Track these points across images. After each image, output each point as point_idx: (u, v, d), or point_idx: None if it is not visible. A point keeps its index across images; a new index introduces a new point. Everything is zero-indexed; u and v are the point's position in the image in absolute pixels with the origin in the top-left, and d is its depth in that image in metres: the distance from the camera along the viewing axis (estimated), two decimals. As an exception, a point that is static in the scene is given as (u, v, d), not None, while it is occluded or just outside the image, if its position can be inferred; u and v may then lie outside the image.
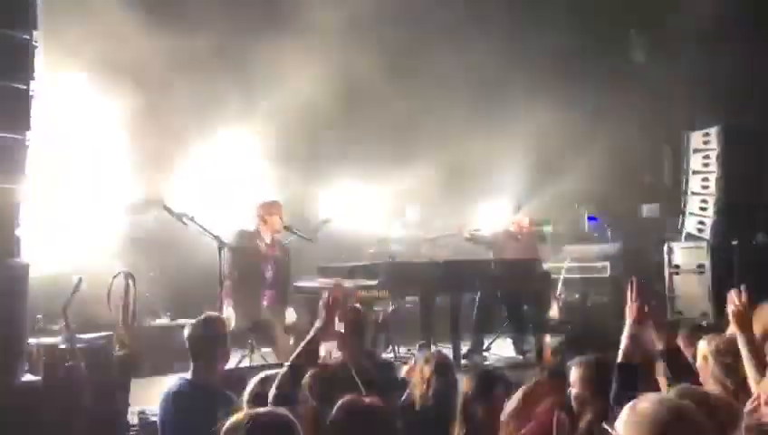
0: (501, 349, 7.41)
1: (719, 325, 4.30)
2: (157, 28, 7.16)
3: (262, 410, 2.35)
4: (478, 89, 9.75)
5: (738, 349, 3.04)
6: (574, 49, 9.40)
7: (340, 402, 2.66)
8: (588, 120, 9.18)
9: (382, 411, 2.64)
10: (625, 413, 1.88)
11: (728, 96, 8.91)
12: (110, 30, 7.01)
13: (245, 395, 3.08)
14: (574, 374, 3.07)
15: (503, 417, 2.77)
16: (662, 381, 3.19)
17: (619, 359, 2.90)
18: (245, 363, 5.78)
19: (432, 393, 3.51)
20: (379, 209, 9.53)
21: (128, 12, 7.05)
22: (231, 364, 4.66)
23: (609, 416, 2.23)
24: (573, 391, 3.02)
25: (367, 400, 2.68)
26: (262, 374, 3.17)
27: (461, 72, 9.63)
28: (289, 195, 7.81)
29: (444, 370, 3.65)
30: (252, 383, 3.12)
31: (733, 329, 3.16)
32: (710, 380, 3.13)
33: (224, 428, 2.21)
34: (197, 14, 7.86)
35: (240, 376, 3.58)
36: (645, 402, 1.88)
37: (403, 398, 3.69)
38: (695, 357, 3.31)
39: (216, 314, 3.83)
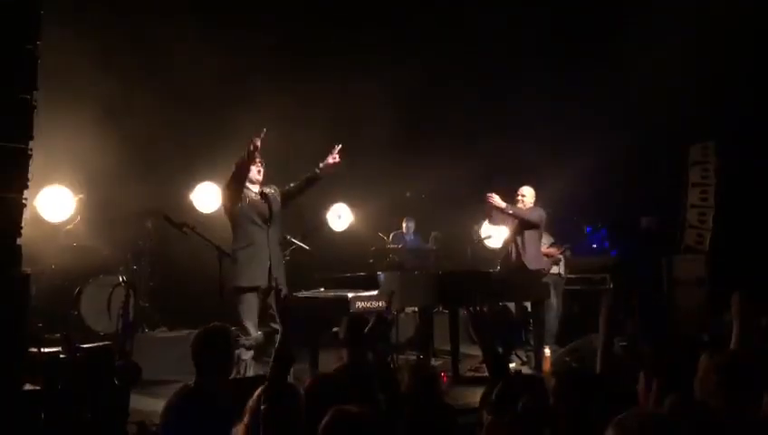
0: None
1: (718, 338, 4.30)
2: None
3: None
4: (479, 101, 9.79)
5: (737, 364, 3.04)
6: (572, 63, 9.43)
7: (329, 412, 2.60)
8: (587, 133, 9.20)
9: (368, 421, 2.59)
10: (611, 431, 1.80)
11: (726, 108, 8.93)
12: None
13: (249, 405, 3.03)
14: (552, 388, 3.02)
15: None
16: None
17: (598, 371, 2.84)
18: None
19: (412, 402, 3.50)
20: (379, 221, 9.56)
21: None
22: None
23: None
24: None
25: (354, 409, 2.61)
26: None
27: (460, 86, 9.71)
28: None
29: (422, 378, 3.63)
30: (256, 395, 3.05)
31: (732, 343, 3.16)
32: (709, 393, 3.13)
33: None
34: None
35: (246, 386, 3.54)
36: (632, 418, 1.82)
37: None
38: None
39: (221, 324, 3.81)
